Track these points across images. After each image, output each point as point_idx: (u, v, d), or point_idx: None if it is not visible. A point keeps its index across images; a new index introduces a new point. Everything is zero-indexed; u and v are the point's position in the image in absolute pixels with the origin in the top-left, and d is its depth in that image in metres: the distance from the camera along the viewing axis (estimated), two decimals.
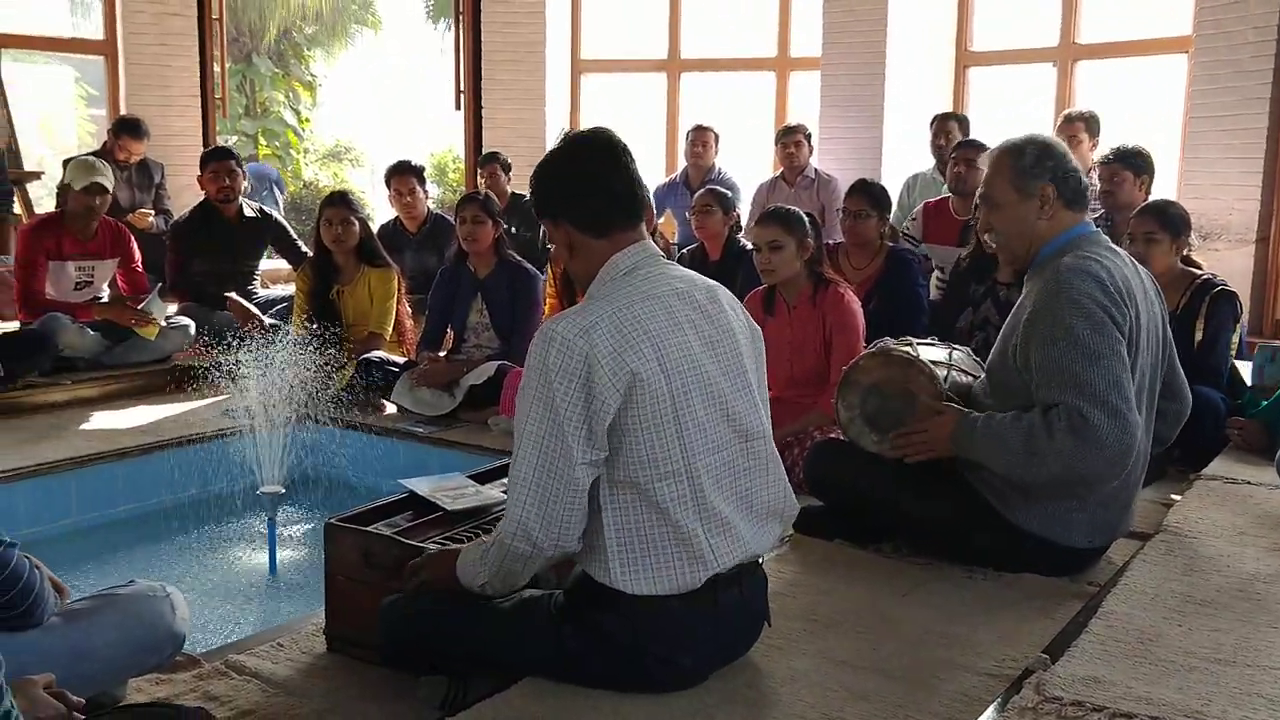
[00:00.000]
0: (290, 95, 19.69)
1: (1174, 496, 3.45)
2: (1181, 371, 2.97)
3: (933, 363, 2.97)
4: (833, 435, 3.60)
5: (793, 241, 4.05)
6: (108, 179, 5.35)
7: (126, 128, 6.90)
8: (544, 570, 2.19)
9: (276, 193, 10.64)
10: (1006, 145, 2.85)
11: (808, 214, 4.19)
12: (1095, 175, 5.71)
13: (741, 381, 2.19)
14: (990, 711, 2.09)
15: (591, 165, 2.16)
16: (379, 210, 14.39)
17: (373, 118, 24.32)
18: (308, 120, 19.98)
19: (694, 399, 2.08)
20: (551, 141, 8.58)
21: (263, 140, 18.23)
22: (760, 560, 2.30)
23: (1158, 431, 2.91)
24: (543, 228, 6.84)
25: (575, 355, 1.99)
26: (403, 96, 26.01)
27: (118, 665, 2.14)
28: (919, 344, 3.09)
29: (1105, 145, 6.13)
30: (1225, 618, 2.45)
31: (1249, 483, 3.44)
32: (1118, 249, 2.82)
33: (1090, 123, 6.12)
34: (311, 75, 20.46)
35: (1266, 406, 3.81)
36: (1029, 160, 2.78)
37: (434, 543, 2.46)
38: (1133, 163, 5.05)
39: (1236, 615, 2.46)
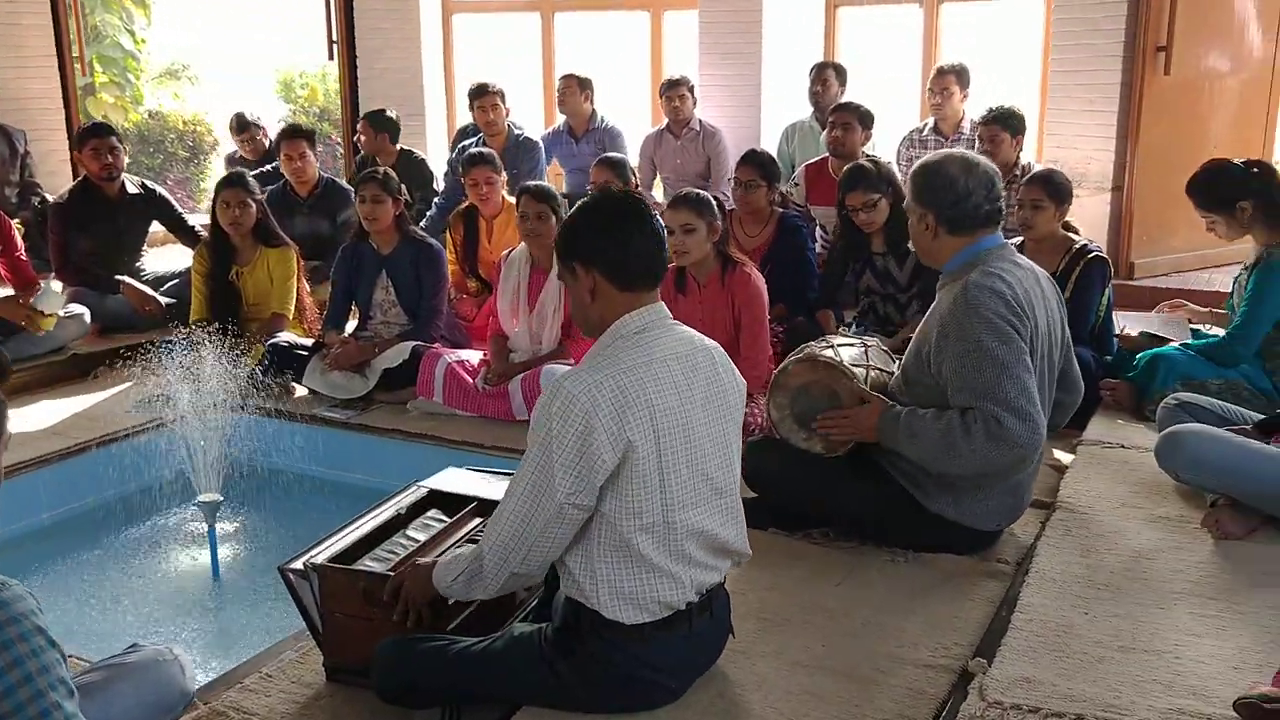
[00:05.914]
0: (124, 16, 18.54)
1: (1058, 455, 3.85)
2: (1077, 366, 3.29)
3: (853, 363, 3.23)
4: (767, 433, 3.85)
5: (704, 225, 4.25)
6: None
7: None
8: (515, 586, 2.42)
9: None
10: (917, 165, 3.09)
11: (714, 197, 4.39)
12: (972, 131, 6.08)
13: (722, 441, 2.41)
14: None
15: (626, 223, 2.34)
16: (224, 142, 13.83)
17: (214, 30, 22.99)
18: (143, 40, 18.88)
19: (680, 461, 2.29)
20: (430, 89, 8.52)
21: (99, 68, 17.19)
22: (723, 582, 2.54)
23: (1052, 420, 3.24)
24: (436, 193, 6.75)
25: (577, 410, 2.19)
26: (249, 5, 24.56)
27: None
28: (839, 344, 3.35)
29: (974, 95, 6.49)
30: (1121, 602, 2.81)
31: (1123, 446, 3.86)
32: (1020, 261, 3.09)
33: (961, 75, 6.44)
34: None
35: (1138, 371, 4.21)
36: (917, 186, 3.05)
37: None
38: (1009, 123, 5.51)
39: (1130, 598, 2.83)
